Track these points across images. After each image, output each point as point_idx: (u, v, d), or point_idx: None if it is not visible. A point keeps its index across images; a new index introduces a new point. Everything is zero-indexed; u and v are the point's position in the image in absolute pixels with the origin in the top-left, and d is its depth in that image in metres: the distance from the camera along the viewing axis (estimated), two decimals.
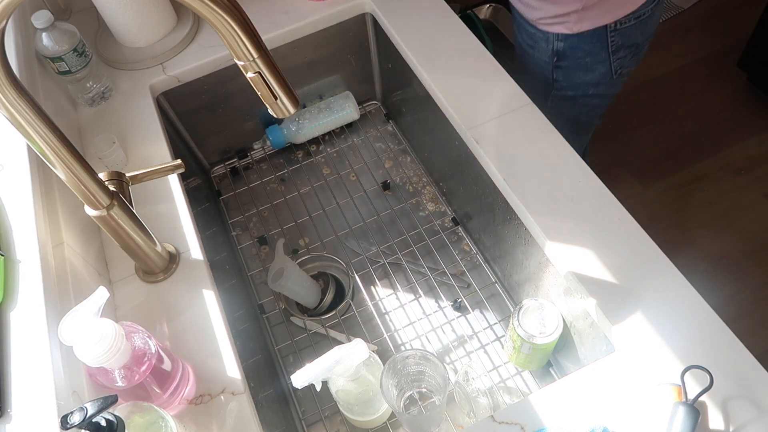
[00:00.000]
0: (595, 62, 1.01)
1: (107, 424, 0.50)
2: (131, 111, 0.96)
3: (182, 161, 0.73)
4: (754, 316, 1.60)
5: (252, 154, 1.20)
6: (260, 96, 0.52)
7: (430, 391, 0.81)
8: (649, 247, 0.73)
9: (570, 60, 1.01)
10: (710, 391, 0.59)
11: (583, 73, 1.03)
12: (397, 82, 1.12)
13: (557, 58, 1.01)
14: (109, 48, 1.04)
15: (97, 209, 0.64)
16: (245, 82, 0.51)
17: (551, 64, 1.03)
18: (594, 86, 1.05)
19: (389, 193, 1.12)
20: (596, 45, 0.98)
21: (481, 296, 0.97)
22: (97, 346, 0.54)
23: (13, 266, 0.64)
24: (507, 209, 0.83)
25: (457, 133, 0.89)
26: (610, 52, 0.99)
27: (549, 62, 1.03)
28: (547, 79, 1.06)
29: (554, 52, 1.00)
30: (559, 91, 1.07)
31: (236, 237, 1.10)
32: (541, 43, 1.02)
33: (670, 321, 0.67)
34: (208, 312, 0.73)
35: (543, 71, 1.05)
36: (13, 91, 0.52)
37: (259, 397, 0.75)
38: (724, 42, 2.15)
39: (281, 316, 0.99)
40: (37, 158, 0.74)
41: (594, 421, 0.63)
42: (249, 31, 0.47)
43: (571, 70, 1.03)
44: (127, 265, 0.78)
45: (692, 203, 1.82)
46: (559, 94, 1.08)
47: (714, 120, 1.98)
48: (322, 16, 1.05)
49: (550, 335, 0.76)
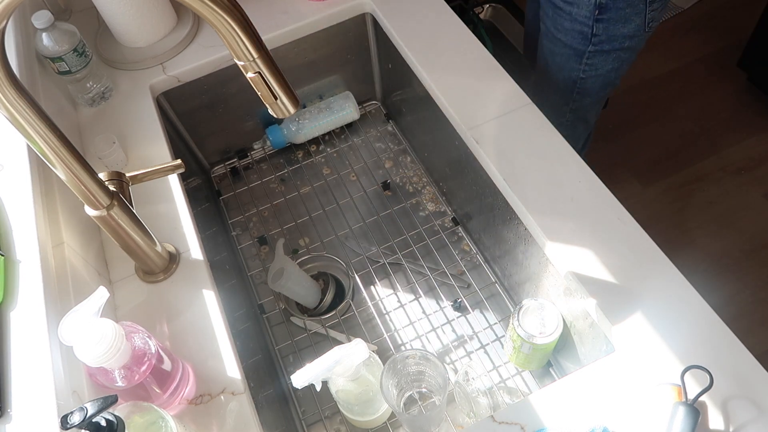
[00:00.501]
0: (634, 13, 1.02)
1: (107, 424, 0.50)
2: (131, 111, 0.96)
3: (182, 161, 0.73)
4: (754, 316, 1.60)
5: (252, 154, 1.20)
6: (260, 96, 0.52)
7: (430, 391, 0.81)
8: (649, 247, 0.73)
9: (612, 12, 1.02)
10: (710, 391, 0.59)
11: (622, 24, 1.04)
12: (397, 82, 1.12)
13: (599, 11, 1.02)
14: (109, 48, 1.04)
15: (97, 209, 0.64)
16: (245, 82, 0.51)
17: (592, 17, 1.03)
18: (629, 38, 1.07)
19: (389, 193, 1.12)
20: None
21: (481, 296, 0.97)
22: (97, 346, 0.54)
23: (13, 266, 0.64)
24: (507, 209, 0.83)
25: (457, 133, 0.89)
26: (648, 2, 1.01)
27: (590, 16, 1.03)
28: (586, 33, 1.07)
29: (596, 5, 1.01)
30: (596, 45, 1.08)
31: (236, 237, 1.10)
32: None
33: (670, 321, 0.67)
34: (208, 312, 0.73)
35: (581, 27, 1.06)
36: (13, 91, 0.52)
37: (259, 397, 0.75)
38: (724, 42, 2.15)
39: (281, 316, 0.99)
40: (37, 158, 0.74)
41: (594, 421, 0.63)
42: (249, 31, 0.47)
43: (612, 22, 1.04)
44: (127, 265, 0.78)
45: (692, 203, 1.82)
46: (596, 48, 1.09)
47: (714, 120, 1.98)
48: (322, 16, 1.05)
49: (550, 335, 0.76)
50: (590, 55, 1.11)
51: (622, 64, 1.14)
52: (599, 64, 1.12)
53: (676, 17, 2.27)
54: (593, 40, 1.07)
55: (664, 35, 2.19)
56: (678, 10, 2.28)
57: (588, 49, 1.10)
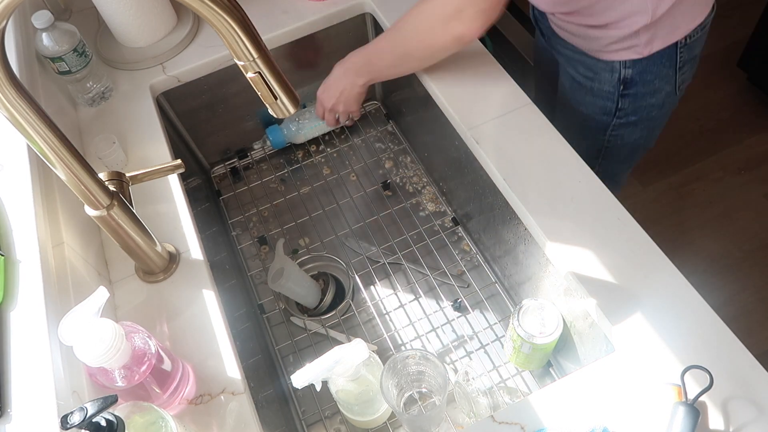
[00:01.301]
0: (663, 83, 0.94)
1: (107, 424, 0.50)
2: (131, 111, 0.96)
3: (182, 161, 0.73)
4: (754, 316, 1.60)
5: (252, 154, 1.20)
6: (260, 96, 0.52)
7: (430, 391, 0.81)
8: (649, 247, 0.72)
9: (638, 86, 0.93)
10: (710, 391, 0.59)
11: (650, 96, 0.95)
12: (397, 82, 1.12)
13: (624, 87, 0.93)
14: (109, 48, 1.04)
15: (97, 209, 0.64)
16: (245, 82, 0.51)
17: (616, 93, 0.95)
18: (658, 108, 0.98)
19: (389, 193, 1.12)
20: (666, 64, 0.91)
21: (481, 296, 0.97)
22: (97, 346, 0.54)
23: (13, 266, 0.64)
24: (507, 209, 0.83)
25: (457, 133, 0.89)
26: (677, 69, 0.92)
27: (614, 92, 0.95)
28: (609, 108, 0.98)
29: (620, 81, 0.92)
30: (621, 119, 0.99)
31: (236, 237, 1.10)
32: (603, 74, 0.93)
33: (670, 321, 0.67)
34: (208, 312, 0.73)
35: (605, 101, 0.98)
36: (14, 91, 0.52)
37: (259, 397, 0.75)
38: (724, 42, 2.15)
39: (281, 316, 0.99)
40: (37, 158, 0.74)
41: (594, 421, 0.63)
42: (249, 31, 0.47)
43: (639, 96, 0.95)
44: (127, 265, 0.78)
45: (692, 203, 1.82)
46: (620, 122, 1.00)
47: (714, 120, 1.98)
48: (322, 16, 1.05)
49: (550, 335, 0.76)
50: (614, 127, 1.01)
51: (652, 131, 1.05)
52: (626, 135, 1.03)
53: None
54: (618, 114, 0.98)
55: None
56: None
57: (612, 123, 1.00)
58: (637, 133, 1.03)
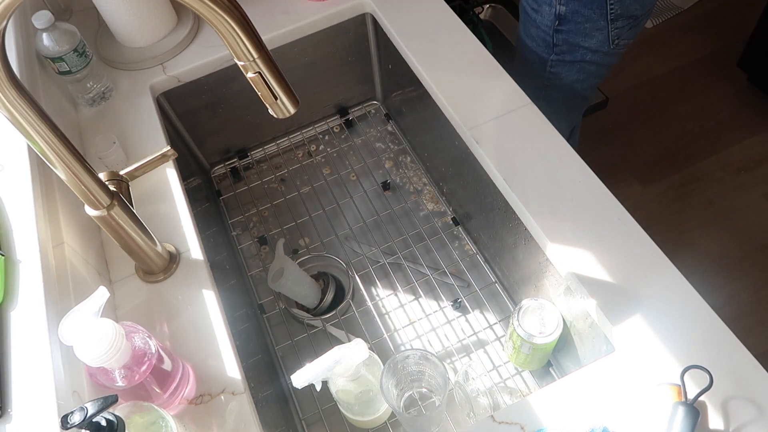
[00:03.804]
0: (594, 28, 1.05)
1: (107, 424, 0.50)
2: (131, 111, 0.96)
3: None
4: (753, 316, 1.60)
5: (252, 154, 1.20)
6: (260, 96, 0.52)
7: (430, 391, 0.81)
8: (649, 247, 0.73)
9: (570, 24, 1.05)
10: (710, 391, 0.59)
11: (582, 38, 1.07)
12: (397, 82, 1.12)
13: (558, 22, 1.05)
14: (109, 48, 1.04)
15: (98, 209, 0.64)
16: (245, 82, 0.51)
17: (552, 27, 1.07)
18: (592, 52, 1.09)
19: (389, 193, 1.12)
20: (596, 11, 1.02)
21: (481, 296, 0.97)
22: (98, 346, 0.54)
23: (14, 266, 0.64)
24: (507, 209, 0.83)
25: (457, 133, 0.89)
26: (609, 20, 1.03)
27: (551, 26, 1.07)
28: (548, 42, 1.10)
29: (556, 16, 1.04)
30: (558, 55, 1.11)
31: (236, 237, 1.10)
32: (544, 6, 1.06)
33: (670, 321, 0.67)
34: (208, 312, 0.73)
35: (544, 35, 1.09)
36: (14, 91, 0.52)
37: (259, 397, 0.75)
38: (724, 42, 2.15)
39: (281, 316, 0.99)
40: (38, 158, 0.74)
41: (594, 421, 0.63)
42: (249, 31, 0.47)
43: (571, 34, 1.07)
44: (127, 265, 0.78)
45: (692, 203, 1.82)
46: (558, 58, 1.12)
47: (714, 120, 1.98)
48: (322, 16, 1.05)
49: (550, 335, 0.76)
50: (553, 63, 1.13)
51: (587, 76, 1.16)
52: (563, 74, 1.15)
53: (676, 17, 2.27)
54: (555, 49, 1.10)
55: (664, 35, 2.19)
56: (678, 10, 2.28)
57: (551, 58, 1.12)
58: (573, 75, 1.15)
